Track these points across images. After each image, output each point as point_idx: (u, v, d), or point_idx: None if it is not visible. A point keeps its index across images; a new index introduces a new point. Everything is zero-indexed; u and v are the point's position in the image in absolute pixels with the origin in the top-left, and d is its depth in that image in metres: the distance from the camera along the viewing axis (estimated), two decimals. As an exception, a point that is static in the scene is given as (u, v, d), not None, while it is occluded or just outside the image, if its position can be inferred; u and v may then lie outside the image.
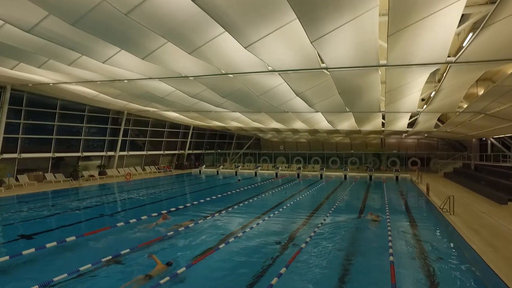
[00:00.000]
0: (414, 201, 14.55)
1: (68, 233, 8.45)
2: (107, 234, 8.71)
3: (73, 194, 16.01)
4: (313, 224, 9.98)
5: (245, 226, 9.66)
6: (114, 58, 9.76)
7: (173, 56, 9.36)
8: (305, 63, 9.26)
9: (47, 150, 19.14)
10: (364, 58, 8.59)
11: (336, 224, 10.00)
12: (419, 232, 8.97)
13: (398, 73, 9.78)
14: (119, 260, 6.74)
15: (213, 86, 12.73)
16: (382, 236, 8.59)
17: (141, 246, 7.59)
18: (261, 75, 10.92)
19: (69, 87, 15.32)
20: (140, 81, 13.23)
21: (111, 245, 7.89)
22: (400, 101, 13.80)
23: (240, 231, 9.07)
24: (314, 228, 9.35)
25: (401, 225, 9.76)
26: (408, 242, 8.18)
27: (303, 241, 7.84)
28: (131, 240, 8.29)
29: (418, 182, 17.99)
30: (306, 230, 9.31)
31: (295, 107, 15.84)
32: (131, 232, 8.99)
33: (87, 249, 7.60)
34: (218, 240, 8.19)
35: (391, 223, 9.73)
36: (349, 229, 9.48)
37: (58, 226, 10.11)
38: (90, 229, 9.11)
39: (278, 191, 17.87)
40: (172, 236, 8.47)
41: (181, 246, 7.90)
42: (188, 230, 9.10)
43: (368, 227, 9.71)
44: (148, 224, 9.75)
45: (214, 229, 9.45)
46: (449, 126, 19.20)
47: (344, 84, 11.25)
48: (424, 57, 8.22)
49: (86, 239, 8.21)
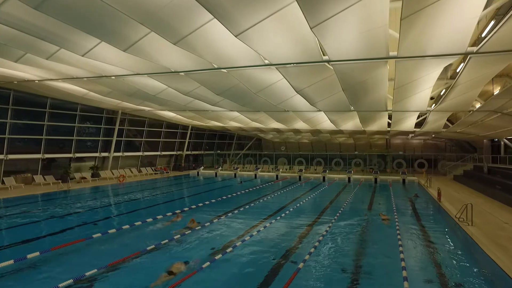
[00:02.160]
0: (424, 208, 13.32)
1: (34, 248, 7.28)
2: (80, 248, 7.65)
3: (58, 198, 14.93)
4: (315, 234, 9.00)
5: (240, 237, 8.71)
6: (95, 51, 8.86)
7: (157, 48, 8.42)
8: (305, 55, 8.29)
9: (36, 151, 18.31)
10: (372, 48, 7.60)
11: (340, 235, 9.00)
12: (435, 246, 7.89)
13: (409, 67, 8.76)
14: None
15: (207, 82, 11.80)
16: (392, 251, 7.58)
17: (116, 263, 6.65)
18: (258, 70, 9.96)
19: (55, 84, 14.47)
20: (128, 78, 12.34)
21: (79, 264, 6.75)
22: (409, 99, 12.78)
23: (237, 240, 8.13)
24: (317, 238, 8.38)
25: (413, 238, 8.71)
26: (423, 260, 7.11)
27: (301, 259, 6.84)
28: (109, 254, 7.35)
29: (427, 186, 16.89)
30: (307, 242, 8.34)
31: (296, 105, 14.87)
32: (109, 246, 8.05)
33: (54, 267, 6.50)
34: (209, 254, 7.23)
35: (402, 234, 8.68)
36: (355, 241, 8.49)
37: (28, 239, 8.51)
38: (61, 242, 7.97)
39: (278, 195, 16.84)
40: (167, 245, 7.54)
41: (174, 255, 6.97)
42: (183, 239, 8.19)
43: (374, 239, 8.70)
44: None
45: (207, 239, 8.51)
46: (460, 126, 18.11)
47: (349, 80, 10.26)
48: (441, 47, 7.21)
49: (54, 254, 7.12)
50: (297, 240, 8.48)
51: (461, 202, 12.52)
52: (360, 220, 10.85)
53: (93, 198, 15.37)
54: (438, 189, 12.83)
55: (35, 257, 6.80)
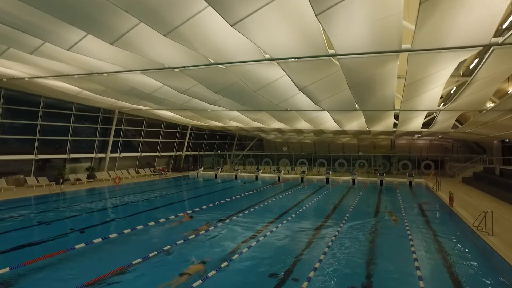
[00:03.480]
0: (436, 215, 12.41)
1: (4, 262, 6.45)
2: (60, 261, 6.86)
3: (48, 202, 14.16)
4: (319, 245, 8.28)
5: (235, 250, 8.00)
6: (81, 45, 8.18)
7: (148, 41, 7.73)
8: (309, 49, 7.56)
9: (29, 152, 17.68)
10: (384, 40, 6.87)
11: (348, 246, 8.27)
12: (454, 261, 7.05)
13: (423, 61, 8.02)
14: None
15: (204, 80, 11.10)
16: (408, 266, 6.84)
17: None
18: (257, 65, 9.25)
19: (47, 82, 13.84)
20: (121, 75, 11.68)
21: (57, 280, 5.96)
22: (418, 98, 12.02)
23: (234, 252, 7.43)
24: (321, 251, 7.65)
25: (429, 250, 7.88)
26: (443, 280, 6.27)
27: (305, 276, 6.11)
28: (91, 270, 6.66)
29: (436, 189, 16.08)
30: (311, 256, 7.62)
31: (298, 104, 14.14)
32: (92, 259, 7.33)
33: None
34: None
35: (417, 246, 7.86)
36: (364, 253, 7.76)
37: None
38: (40, 253, 7.04)
39: (280, 198, 16.06)
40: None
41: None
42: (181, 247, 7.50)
43: (385, 252, 7.95)
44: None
45: (203, 247, 7.82)
46: (470, 127, 17.31)
47: (356, 77, 9.53)
48: (461, 37, 6.47)
49: (28, 270, 6.22)
50: (300, 251, 7.75)
51: (474, 207, 11.75)
52: (368, 230, 10.09)
53: (85, 201, 14.55)
54: (450, 193, 12.04)
55: (5, 274, 5.92)
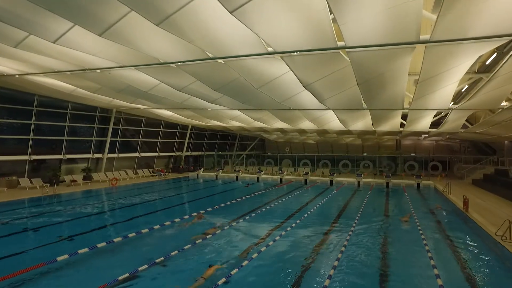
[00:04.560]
0: (451, 220, 11.33)
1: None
2: (44, 275, 6.19)
3: (39, 205, 13.47)
4: (329, 258, 7.60)
5: (243, 255, 7.33)
6: (68, 37, 7.53)
7: (140, 32, 7.07)
8: (317, 41, 6.87)
9: (22, 152, 17.07)
10: (400, 30, 6.17)
11: (358, 259, 7.58)
12: (481, 277, 6.36)
13: (441, 54, 7.32)
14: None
15: (202, 76, 10.44)
16: (427, 280, 6.14)
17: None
18: (260, 60, 8.56)
19: (38, 79, 13.21)
20: (115, 72, 11.03)
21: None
22: (431, 95, 11.31)
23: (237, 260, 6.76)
24: (332, 263, 6.98)
25: (450, 264, 7.19)
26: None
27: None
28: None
29: (446, 191, 15.32)
30: (319, 268, 6.94)
31: (302, 103, 13.45)
32: (78, 273, 6.64)
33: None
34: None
35: (436, 259, 7.04)
36: (376, 267, 7.07)
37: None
38: (18, 267, 6.16)
39: (284, 202, 15.32)
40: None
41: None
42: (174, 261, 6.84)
43: (401, 269, 7.24)
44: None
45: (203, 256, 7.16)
46: (482, 127, 16.55)
47: (366, 72, 8.83)
48: (488, 26, 5.76)
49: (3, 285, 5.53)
50: (308, 263, 7.08)
51: (491, 212, 11.02)
52: (379, 239, 9.39)
53: (78, 204, 13.77)
54: (464, 197, 11.30)
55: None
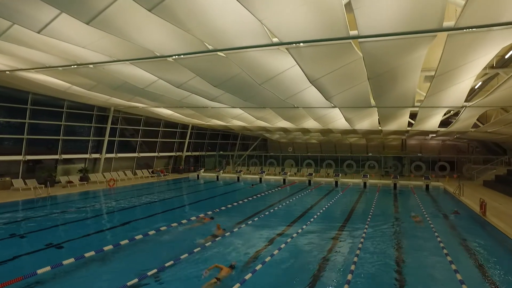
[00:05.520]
0: (467, 226, 10.33)
1: None
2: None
3: (30, 208, 12.75)
4: (341, 270, 6.93)
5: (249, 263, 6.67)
6: (54, 26, 6.90)
7: (132, 20, 6.42)
8: (327, 29, 6.21)
9: (16, 152, 16.48)
10: (421, 16, 5.52)
11: (373, 274, 6.91)
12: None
13: (464, 44, 6.63)
14: None
15: (202, 71, 9.81)
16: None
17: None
18: (263, 52, 7.91)
19: (31, 76, 12.63)
20: (110, 67, 10.42)
21: None
22: (445, 92, 10.63)
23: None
24: (345, 277, 6.31)
25: (476, 275, 6.47)
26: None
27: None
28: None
29: (458, 194, 14.59)
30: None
31: (307, 101, 12.78)
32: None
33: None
34: None
35: (463, 273, 6.34)
36: (394, 281, 6.39)
37: None
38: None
39: (288, 204, 14.59)
40: None
41: None
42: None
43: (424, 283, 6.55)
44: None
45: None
46: (494, 126, 15.81)
47: (379, 65, 8.16)
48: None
49: None
50: (317, 274, 6.41)
51: (510, 216, 10.29)
52: (394, 249, 8.71)
53: (71, 207, 13.01)
54: (481, 200, 10.58)
55: None
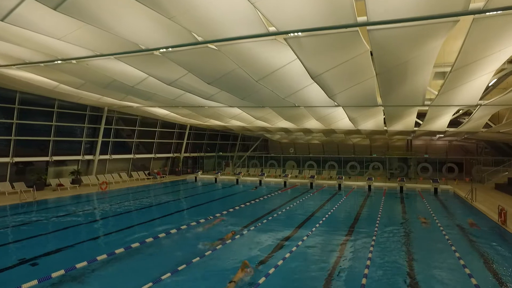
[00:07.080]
0: (488, 238, 9.04)
1: None
2: None
3: (11, 215, 11.87)
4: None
5: None
6: (20, 13, 6.07)
7: (106, 5, 5.58)
8: (332, 14, 5.35)
9: (3, 154, 15.71)
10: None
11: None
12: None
13: (492, 29, 5.77)
14: None
15: (193, 67, 8.99)
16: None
17: None
18: (260, 43, 7.05)
19: (12, 73, 11.84)
20: (95, 63, 9.62)
21: None
22: (459, 88, 9.74)
23: None
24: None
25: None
26: None
27: None
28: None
29: (471, 199, 13.66)
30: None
31: (309, 99, 11.93)
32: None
33: None
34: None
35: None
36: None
37: None
38: None
39: (289, 210, 13.64)
40: None
41: None
42: None
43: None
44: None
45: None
46: (508, 126, 14.86)
47: (389, 58, 7.29)
48: None
49: None
50: None
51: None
52: (406, 263, 7.84)
53: (57, 214, 12.00)
54: (500, 208, 9.67)
55: None
